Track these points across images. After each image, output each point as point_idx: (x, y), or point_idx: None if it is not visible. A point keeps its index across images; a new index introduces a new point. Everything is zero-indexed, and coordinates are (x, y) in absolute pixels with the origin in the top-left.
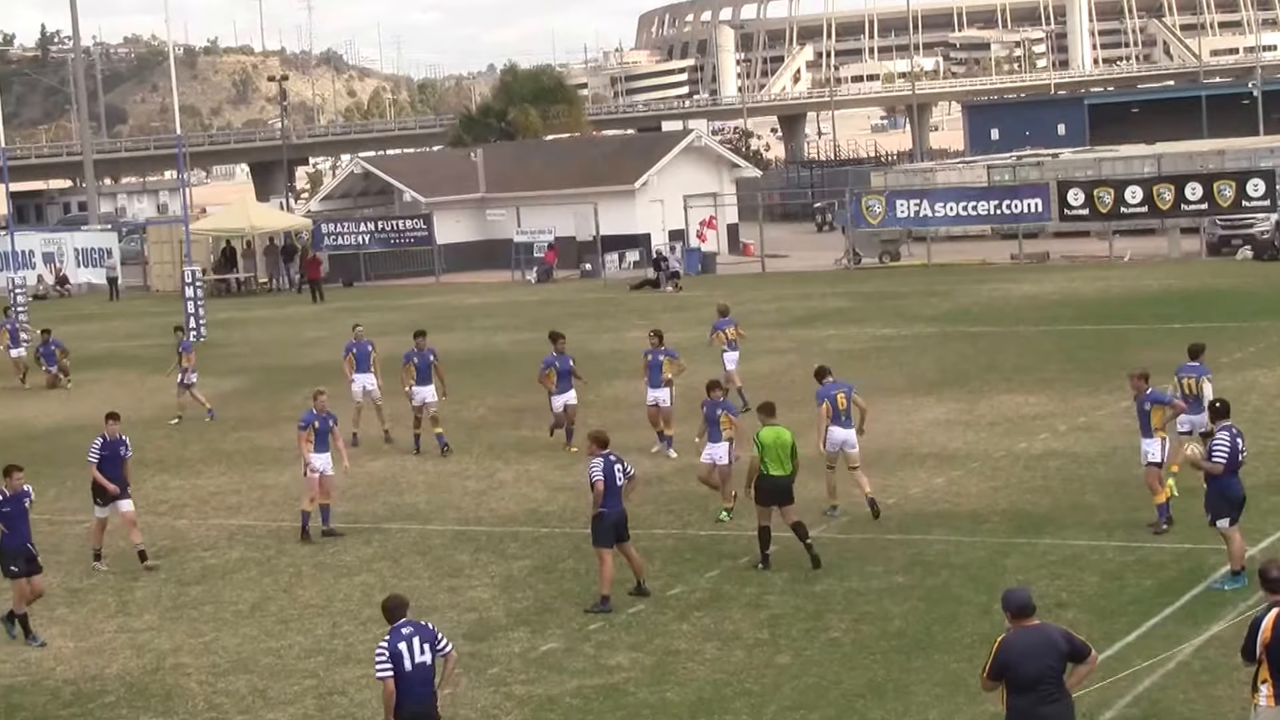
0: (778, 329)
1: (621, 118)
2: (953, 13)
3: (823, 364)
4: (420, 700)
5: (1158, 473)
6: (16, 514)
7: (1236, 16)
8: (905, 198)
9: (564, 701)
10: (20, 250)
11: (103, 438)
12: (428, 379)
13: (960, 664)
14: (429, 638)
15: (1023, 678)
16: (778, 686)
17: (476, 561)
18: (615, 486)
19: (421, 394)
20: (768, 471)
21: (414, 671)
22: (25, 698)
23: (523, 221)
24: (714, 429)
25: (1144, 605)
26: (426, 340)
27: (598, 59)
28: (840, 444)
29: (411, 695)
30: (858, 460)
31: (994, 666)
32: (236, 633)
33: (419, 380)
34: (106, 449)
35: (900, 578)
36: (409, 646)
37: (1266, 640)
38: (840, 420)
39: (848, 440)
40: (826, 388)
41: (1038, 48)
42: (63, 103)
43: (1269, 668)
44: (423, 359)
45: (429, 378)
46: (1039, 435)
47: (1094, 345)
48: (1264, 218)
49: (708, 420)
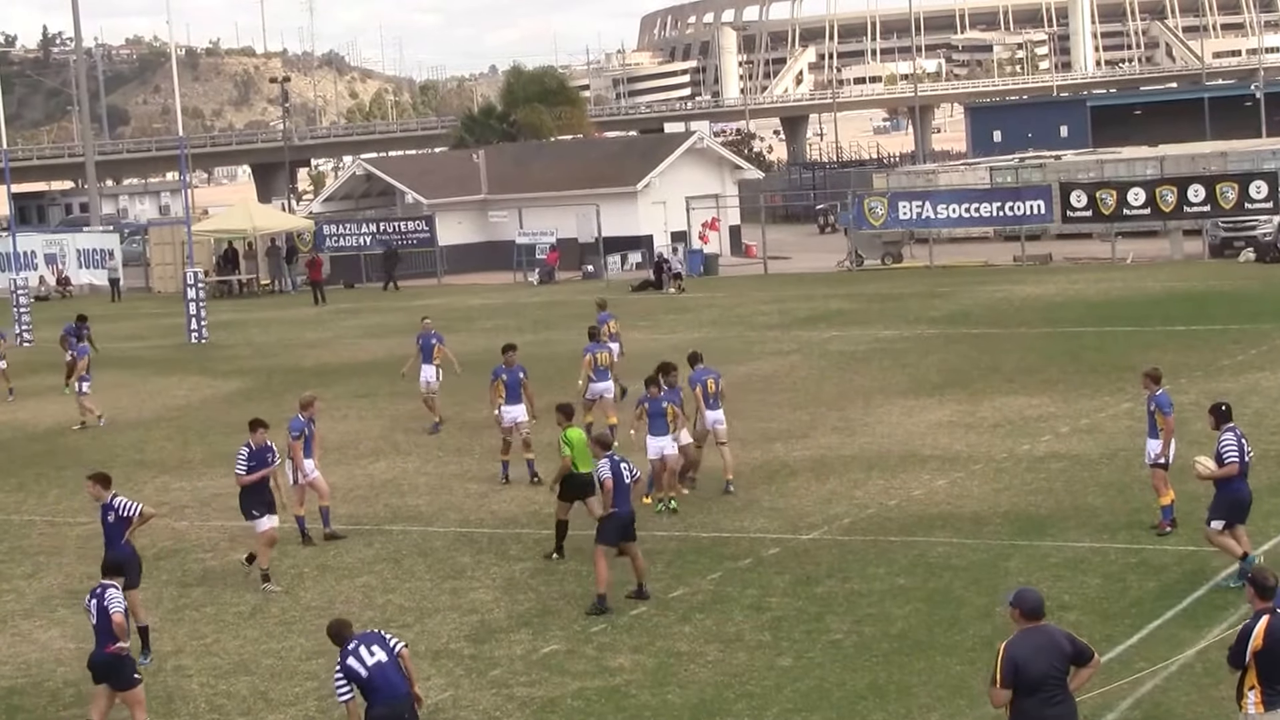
0: (780, 330)
1: (624, 119)
2: (955, 15)
3: (695, 350)
4: (390, 694)
5: (1163, 474)
6: None
7: (1239, 18)
8: (908, 199)
9: (565, 703)
10: (22, 251)
11: (249, 447)
12: (518, 398)
13: (962, 666)
14: (376, 639)
15: (1028, 680)
16: (780, 688)
17: (478, 563)
18: (624, 486)
19: (512, 414)
20: (577, 469)
21: (374, 670)
22: (26, 699)
23: (525, 223)
24: (659, 421)
25: (1146, 608)
26: (516, 355)
27: (600, 60)
28: (711, 424)
29: (379, 694)
30: (725, 437)
31: (1005, 674)
32: (238, 634)
33: (509, 399)
34: (254, 458)
35: (902, 580)
36: (358, 657)
37: (1258, 648)
38: (709, 403)
39: (717, 419)
40: (698, 373)
41: (1040, 50)
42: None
43: (1257, 673)
44: (512, 376)
45: (519, 396)
46: (1041, 437)
47: (1096, 347)
48: (1266, 220)
49: (651, 414)
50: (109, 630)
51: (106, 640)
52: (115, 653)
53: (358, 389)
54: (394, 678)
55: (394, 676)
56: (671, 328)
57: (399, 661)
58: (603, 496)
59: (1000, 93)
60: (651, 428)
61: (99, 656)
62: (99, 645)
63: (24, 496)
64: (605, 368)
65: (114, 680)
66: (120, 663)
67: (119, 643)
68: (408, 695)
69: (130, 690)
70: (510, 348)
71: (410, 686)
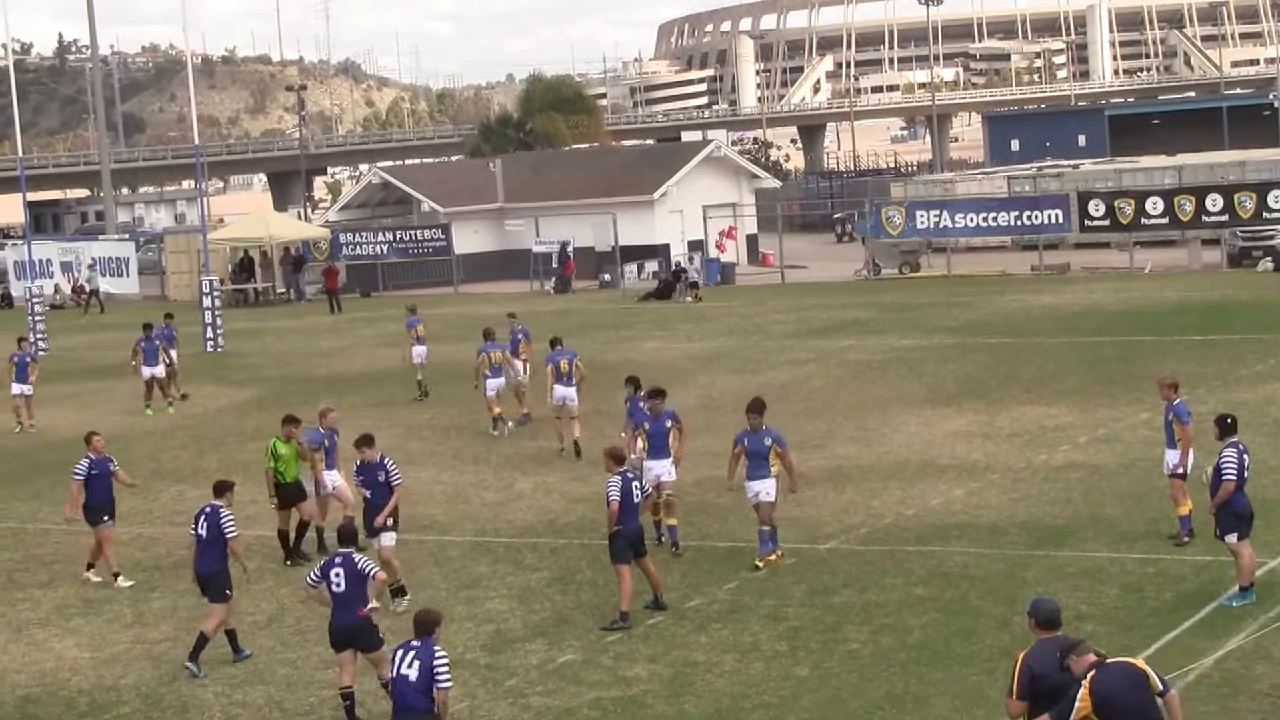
0: (797, 339)
1: (640, 128)
2: (973, 23)
3: (555, 335)
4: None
5: (1181, 484)
6: None
7: (1258, 28)
8: (925, 208)
9: (582, 713)
10: (38, 259)
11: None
12: (569, 380)
13: (979, 676)
14: (348, 564)
15: (1045, 691)
16: (796, 698)
17: (494, 573)
18: (632, 505)
19: (561, 393)
20: (284, 479)
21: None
22: (41, 708)
23: (541, 231)
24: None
25: (1163, 618)
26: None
27: (617, 69)
28: (562, 399)
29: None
30: (576, 412)
31: (1021, 684)
32: (253, 643)
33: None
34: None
35: (919, 590)
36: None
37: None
38: (562, 380)
39: (568, 396)
40: (555, 354)
41: (1058, 58)
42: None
43: None
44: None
45: (571, 379)
46: (1059, 447)
47: (1114, 357)
48: None
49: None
50: (362, 595)
51: (359, 603)
52: (366, 616)
53: (372, 398)
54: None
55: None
56: (689, 337)
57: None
58: (608, 516)
59: (1018, 101)
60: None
61: (345, 621)
62: (346, 611)
63: (39, 505)
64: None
65: (362, 643)
66: (369, 626)
67: (371, 604)
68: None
69: (377, 651)
70: (557, 341)
71: None
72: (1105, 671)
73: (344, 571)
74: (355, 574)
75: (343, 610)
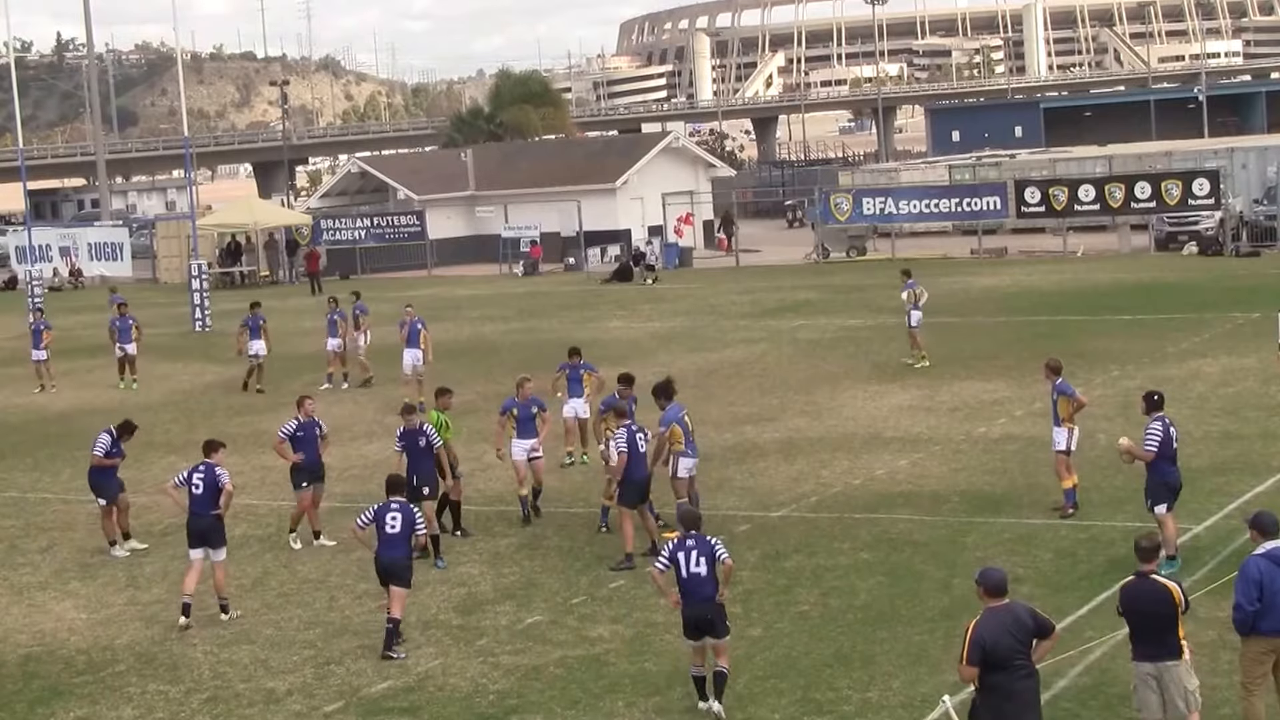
0: (751, 319)
1: (603, 120)
2: (916, 21)
3: (409, 305)
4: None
5: (1065, 460)
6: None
7: (1183, 26)
8: (871, 196)
9: (548, 671)
10: (37, 245)
11: (297, 420)
12: (578, 391)
13: (923, 636)
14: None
15: (996, 656)
16: (750, 658)
17: (466, 539)
18: (639, 454)
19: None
20: None
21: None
22: (41, 666)
23: (510, 218)
24: (575, 386)
25: (1095, 580)
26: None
27: (581, 65)
28: (412, 364)
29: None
30: (423, 374)
31: (971, 652)
32: (239, 605)
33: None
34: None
35: (866, 555)
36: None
37: None
38: (411, 342)
39: (417, 358)
40: (413, 323)
41: (996, 55)
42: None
43: None
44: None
45: (580, 390)
46: (997, 420)
47: (1049, 335)
48: (1208, 215)
49: (570, 379)
50: (409, 538)
51: (405, 544)
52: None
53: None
54: None
55: None
56: (648, 316)
57: None
58: (615, 468)
59: (958, 95)
60: (570, 391)
61: (391, 556)
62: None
63: (39, 475)
64: None
65: (395, 579)
66: (409, 565)
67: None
68: None
69: (405, 589)
70: (575, 351)
71: None
72: None
73: (401, 517)
74: (409, 519)
75: (389, 548)
